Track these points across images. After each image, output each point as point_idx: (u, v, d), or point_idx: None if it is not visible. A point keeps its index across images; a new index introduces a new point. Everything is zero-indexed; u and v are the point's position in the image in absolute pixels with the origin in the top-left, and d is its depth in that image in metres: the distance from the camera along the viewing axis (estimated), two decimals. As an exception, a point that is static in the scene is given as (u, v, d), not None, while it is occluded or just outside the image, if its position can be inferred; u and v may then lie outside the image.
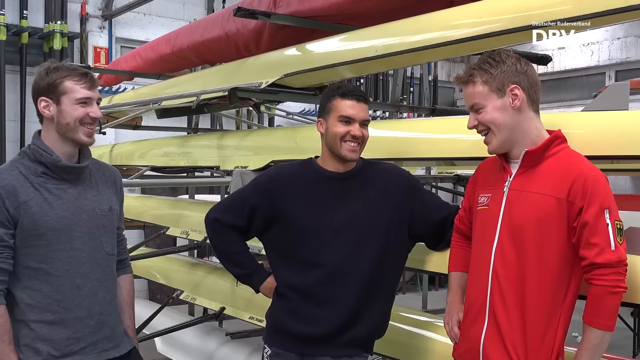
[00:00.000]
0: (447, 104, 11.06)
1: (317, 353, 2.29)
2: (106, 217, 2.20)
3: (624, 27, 9.72)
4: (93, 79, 2.13)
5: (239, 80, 3.67)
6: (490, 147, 1.96)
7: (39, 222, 2.04)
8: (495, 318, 1.90)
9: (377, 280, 2.30)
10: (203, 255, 6.30)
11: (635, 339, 5.93)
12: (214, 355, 4.00)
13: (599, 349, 1.80)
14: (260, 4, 3.66)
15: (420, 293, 6.75)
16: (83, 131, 2.11)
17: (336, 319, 2.26)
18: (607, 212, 1.78)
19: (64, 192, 2.11)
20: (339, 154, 2.29)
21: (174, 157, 4.53)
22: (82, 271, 2.11)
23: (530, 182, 1.89)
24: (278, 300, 2.37)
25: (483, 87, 1.92)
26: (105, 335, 2.17)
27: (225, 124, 6.59)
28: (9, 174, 2.06)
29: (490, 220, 1.96)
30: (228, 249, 2.47)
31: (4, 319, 2.03)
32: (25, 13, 7.61)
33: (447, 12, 2.66)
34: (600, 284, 1.76)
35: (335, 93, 2.31)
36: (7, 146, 7.51)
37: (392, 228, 2.32)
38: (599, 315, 1.78)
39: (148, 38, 7.62)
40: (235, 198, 2.49)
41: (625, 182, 9.73)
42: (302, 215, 2.30)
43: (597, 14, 2.07)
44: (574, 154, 1.90)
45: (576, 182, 1.81)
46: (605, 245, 1.76)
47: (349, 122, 2.27)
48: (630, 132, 2.04)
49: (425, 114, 4.91)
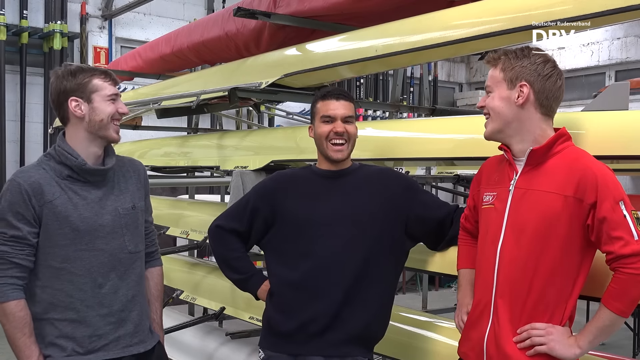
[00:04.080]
0: (447, 104, 11.07)
1: (308, 352, 2.28)
2: (129, 215, 2.23)
3: (624, 27, 9.72)
4: (114, 76, 2.23)
5: (239, 80, 3.67)
6: (484, 132, 1.98)
7: (63, 222, 2.08)
8: (500, 317, 1.89)
9: (367, 275, 2.30)
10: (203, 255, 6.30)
11: (635, 339, 5.94)
12: (214, 355, 4.00)
13: (608, 330, 1.79)
14: (260, 4, 3.66)
15: (420, 293, 6.75)
16: (113, 128, 2.19)
17: (326, 312, 2.26)
18: (622, 204, 1.76)
19: (89, 192, 2.15)
20: (327, 155, 2.35)
21: (173, 157, 4.53)
22: (103, 270, 2.14)
23: (536, 181, 1.88)
24: (271, 300, 2.39)
25: (499, 74, 1.93)
26: (127, 331, 2.20)
27: (225, 124, 6.59)
28: (36, 173, 2.11)
29: (496, 218, 1.95)
30: (227, 254, 2.48)
31: (24, 312, 2.07)
32: (25, 13, 7.61)
33: (447, 12, 2.67)
34: (629, 272, 1.73)
35: (317, 97, 2.40)
36: (7, 146, 7.51)
37: (386, 225, 2.33)
38: (619, 300, 1.76)
39: (148, 38, 7.63)
40: (237, 205, 2.53)
41: (625, 182, 9.73)
42: (296, 209, 2.34)
43: (597, 14, 2.07)
44: (579, 151, 1.89)
45: (582, 179, 1.79)
46: (628, 237, 1.74)
47: (331, 120, 2.33)
48: (630, 132, 2.04)
49: (425, 114, 4.90)
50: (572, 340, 1.81)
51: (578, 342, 1.80)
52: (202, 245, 3.93)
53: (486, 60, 1.98)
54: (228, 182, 4.32)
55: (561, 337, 1.81)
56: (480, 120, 2.03)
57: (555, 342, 1.80)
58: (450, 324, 2.58)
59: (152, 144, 5.07)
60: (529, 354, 1.83)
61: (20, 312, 2.06)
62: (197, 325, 4.14)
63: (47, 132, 7.57)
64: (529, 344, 1.83)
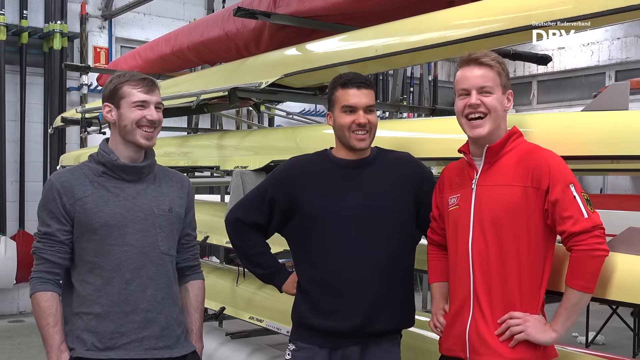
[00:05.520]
0: (447, 104, 11.02)
1: (342, 345, 2.27)
2: (164, 216, 2.24)
3: (624, 27, 9.73)
4: (151, 83, 2.22)
5: (239, 80, 3.68)
6: (482, 130, 2.02)
7: (92, 218, 2.13)
8: (480, 307, 1.98)
9: (396, 269, 2.28)
10: (203, 255, 6.31)
11: (635, 339, 5.94)
12: (214, 355, 4.00)
13: (577, 308, 1.90)
14: (260, 4, 3.67)
15: (420, 293, 6.75)
16: (140, 134, 2.19)
17: (358, 311, 2.23)
18: (573, 187, 1.89)
19: (122, 190, 2.19)
20: (349, 145, 2.30)
21: (174, 157, 4.53)
22: (132, 266, 2.15)
23: (496, 176, 2.01)
24: (301, 296, 2.36)
25: (496, 77, 2.02)
26: (153, 333, 2.17)
27: (225, 124, 6.59)
28: (71, 174, 2.19)
29: (463, 217, 2.05)
30: (250, 250, 2.49)
31: (49, 303, 2.13)
32: (25, 13, 7.61)
33: (447, 12, 2.67)
34: (581, 249, 1.85)
35: (336, 84, 2.32)
36: (7, 146, 7.51)
37: (407, 217, 2.32)
38: (579, 277, 1.86)
39: (148, 38, 7.62)
40: (254, 195, 2.49)
41: (625, 182, 9.74)
42: (317, 203, 2.29)
43: (597, 14, 2.07)
44: (530, 145, 2.03)
45: (536, 168, 1.93)
46: (578, 216, 1.86)
47: (353, 110, 2.27)
48: (630, 132, 2.04)
49: (425, 114, 4.91)
50: (547, 326, 1.92)
51: (553, 327, 1.91)
52: (202, 245, 3.92)
53: (479, 59, 2.02)
54: (228, 182, 4.31)
55: (537, 324, 1.92)
56: (480, 121, 2.04)
57: (531, 329, 1.91)
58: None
59: (152, 144, 5.06)
60: (511, 345, 1.93)
61: (45, 302, 2.12)
62: (197, 325, 4.14)
63: (47, 132, 7.56)
64: (508, 335, 1.93)
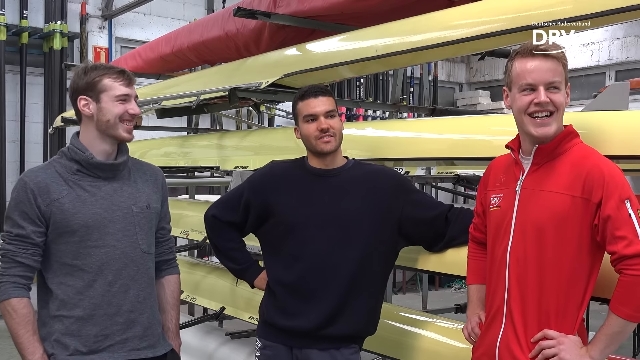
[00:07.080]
0: (447, 104, 11.07)
1: (304, 345, 2.34)
2: (143, 214, 2.21)
3: (624, 27, 9.71)
4: (130, 76, 2.18)
5: (239, 80, 3.67)
6: (549, 129, 1.81)
7: (70, 219, 2.07)
8: (512, 320, 1.84)
9: (360, 276, 2.33)
10: (203, 255, 6.31)
11: (635, 339, 5.93)
12: (214, 355, 4.00)
13: (619, 337, 1.74)
14: (260, 4, 3.67)
15: (420, 293, 6.75)
16: (123, 128, 2.15)
17: (319, 314, 2.31)
18: (628, 203, 1.70)
19: (99, 189, 2.13)
20: (317, 151, 2.37)
21: (174, 157, 4.53)
22: (114, 268, 2.12)
23: (544, 180, 1.82)
24: (268, 295, 2.46)
25: (563, 70, 1.83)
26: (136, 334, 2.16)
27: (225, 124, 6.58)
28: (44, 172, 2.11)
29: (504, 221, 1.89)
30: (224, 244, 2.58)
31: (27, 310, 2.06)
32: (25, 13, 7.60)
33: (447, 12, 2.67)
34: (632, 274, 1.67)
35: (296, 99, 2.43)
36: (7, 146, 7.51)
37: (377, 226, 2.34)
38: (626, 304, 1.69)
39: (148, 38, 7.62)
40: (233, 195, 2.58)
41: (625, 182, 9.71)
42: (289, 209, 2.37)
43: (597, 14, 2.07)
44: (586, 148, 1.83)
45: (588, 177, 1.74)
46: (632, 237, 1.67)
47: (314, 119, 2.35)
48: (630, 132, 2.04)
49: (425, 114, 4.91)
50: (584, 351, 1.75)
51: (589, 352, 1.74)
52: (202, 245, 3.93)
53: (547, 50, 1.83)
54: (228, 182, 4.32)
55: (572, 347, 1.75)
56: (480, 121, 2.03)
57: (566, 352, 1.74)
58: (450, 324, 2.59)
59: (152, 144, 5.07)
60: None
61: (23, 309, 2.05)
62: (197, 325, 4.14)
63: (47, 132, 7.56)
64: (541, 358, 1.78)
